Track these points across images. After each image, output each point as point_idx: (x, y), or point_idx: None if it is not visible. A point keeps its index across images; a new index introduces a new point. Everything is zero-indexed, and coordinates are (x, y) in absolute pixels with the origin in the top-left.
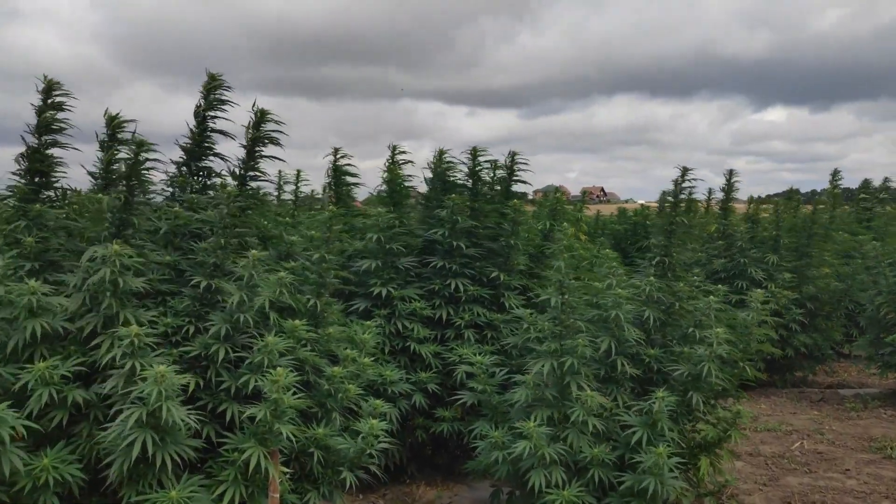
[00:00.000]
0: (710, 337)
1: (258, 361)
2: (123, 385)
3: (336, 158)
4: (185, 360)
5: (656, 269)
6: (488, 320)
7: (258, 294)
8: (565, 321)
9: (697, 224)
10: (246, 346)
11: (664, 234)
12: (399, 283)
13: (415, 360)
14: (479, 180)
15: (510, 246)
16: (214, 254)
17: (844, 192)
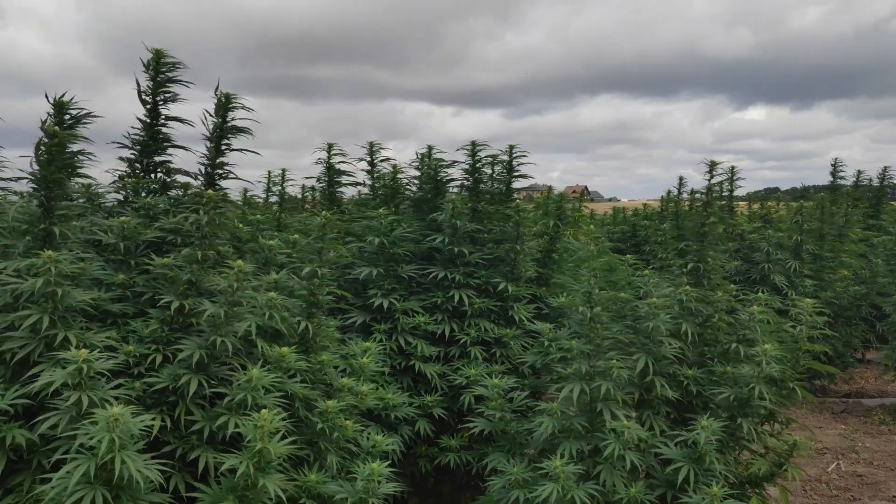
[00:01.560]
0: (757, 354)
1: (239, 399)
2: (68, 425)
3: (329, 155)
4: (150, 395)
5: (689, 275)
6: (497, 336)
7: (242, 315)
8: (595, 338)
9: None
10: (225, 378)
11: (697, 238)
12: (402, 294)
13: (419, 381)
14: (481, 178)
15: (517, 252)
16: (189, 269)
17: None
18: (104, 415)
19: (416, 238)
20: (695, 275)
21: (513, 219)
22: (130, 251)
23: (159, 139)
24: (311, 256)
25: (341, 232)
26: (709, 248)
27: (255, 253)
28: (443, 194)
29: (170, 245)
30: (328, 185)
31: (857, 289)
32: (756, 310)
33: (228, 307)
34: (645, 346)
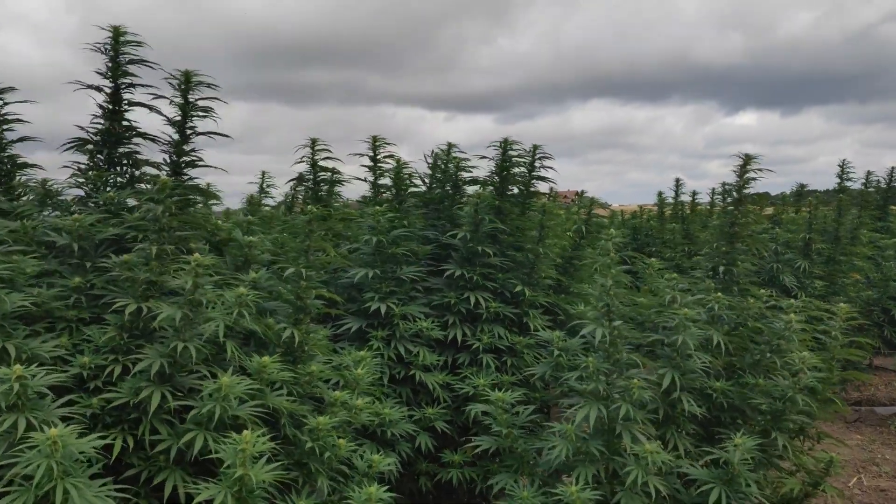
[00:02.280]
0: (794, 363)
1: (208, 411)
2: (4, 452)
3: (314, 151)
4: (109, 413)
5: (717, 280)
6: (510, 343)
7: (207, 316)
8: (614, 354)
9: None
10: (194, 389)
11: (726, 239)
12: (401, 298)
13: (419, 392)
14: (509, 176)
15: (537, 255)
16: (147, 267)
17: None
18: (40, 438)
19: (420, 237)
20: (726, 279)
21: (537, 219)
22: (88, 252)
23: (123, 128)
24: (297, 256)
25: (331, 231)
26: (739, 251)
27: (233, 253)
28: (461, 193)
29: (136, 244)
30: (314, 183)
31: (869, 293)
32: (793, 318)
33: (188, 308)
34: (672, 359)
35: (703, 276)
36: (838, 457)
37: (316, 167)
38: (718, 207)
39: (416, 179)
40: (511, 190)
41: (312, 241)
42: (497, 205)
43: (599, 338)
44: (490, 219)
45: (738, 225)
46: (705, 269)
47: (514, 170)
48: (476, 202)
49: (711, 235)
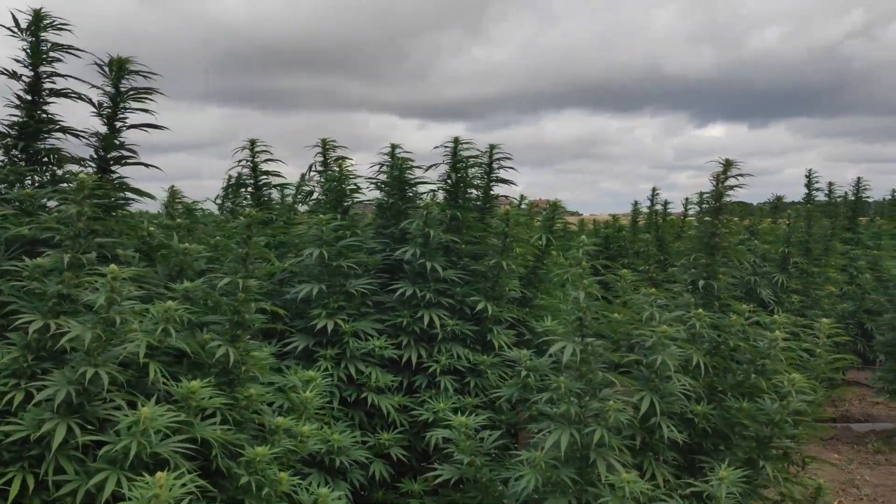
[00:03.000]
0: (782, 386)
1: (123, 448)
2: None
3: (254, 154)
4: (7, 448)
5: (697, 295)
6: (472, 364)
7: (126, 333)
8: (587, 373)
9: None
10: (108, 420)
11: (706, 251)
12: (351, 314)
13: (373, 416)
14: (462, 180)
15: (500, 267)
16: (59, 278)
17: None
18: None
19: (372, 248)
20: (706, 294)
21: (500, 228)
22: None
23: (42, 120)
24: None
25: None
26: (718, 263)
27: (167, 260)
28: (411, 200)
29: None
30: (254, 187)
31: (844, 306)
32: (779, 336)
33: (102, 326)
34: (650, 381)
35: (681, 290)
36: (826, 484)
37: (256, 170)
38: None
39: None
40: (469, 194)
41: (251, 247)
42: (451, 212)
43: (569, 355)
44: (437, 233)
45: (718, 235)
46: (684, 282)
47: (471, 171)
48: (424, 213)
49: (688, 247)
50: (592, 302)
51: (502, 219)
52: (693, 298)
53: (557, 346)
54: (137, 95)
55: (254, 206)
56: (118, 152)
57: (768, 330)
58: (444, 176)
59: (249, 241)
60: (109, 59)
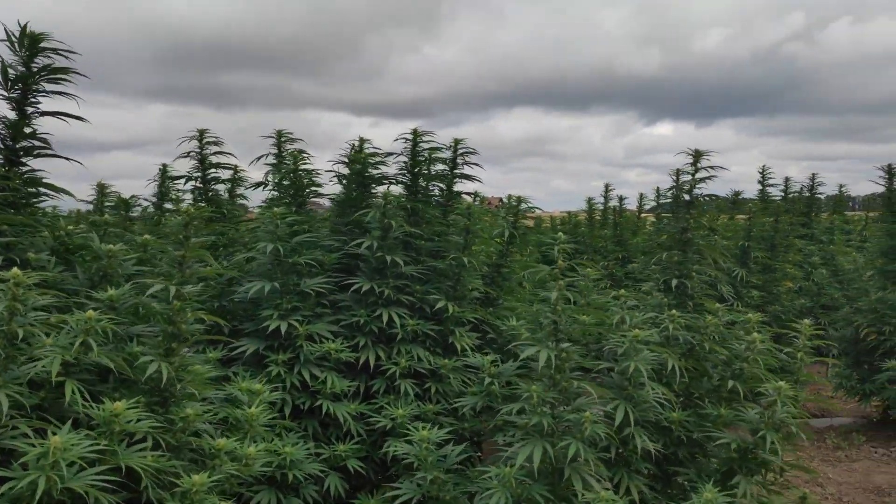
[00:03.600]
0: (767, 394)
1: (29, 484)
2: None
3: (202, 145)
4: None
5: (669, 295)
6: (433, 367)
7: (35, 349)
8: (561, 381)
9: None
10: (14, 451)
11: (678, 247)
12: (305, 315)
13: (328, 426)
14: (422, 173)
15: (462, 265)
16: None
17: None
18: None
19: (329, 245)
20: (676, 293)
21: (462, 223)
22: None
23: None
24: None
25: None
26: (692, 261)
27: (87, 264)
28: (370, 194)
29: None
30: (202, 182)
31: (802, 301)
32: (757, 338)
33: (2, 342)
34: (623, 389)
35: (651, 290)
36: (812, 494)
37: (205, 163)
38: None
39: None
40: (430, 190)
41: (188, 249)
42: (409, 206)
43: (544, 362)
44: (398, 224)
45: (690, 231)
46: (656, 281)
47: (436, 167)
48: (383, 204)
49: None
50: (566, 304)
51: (463, 213)
52: (665, 298)
53: (530, 352)
54: (52, 77)
55: (202, 202)
56: (29, 142)
57: (743, 330)
58: (403, 168)
59: (187, 243)
60: (21, 31)
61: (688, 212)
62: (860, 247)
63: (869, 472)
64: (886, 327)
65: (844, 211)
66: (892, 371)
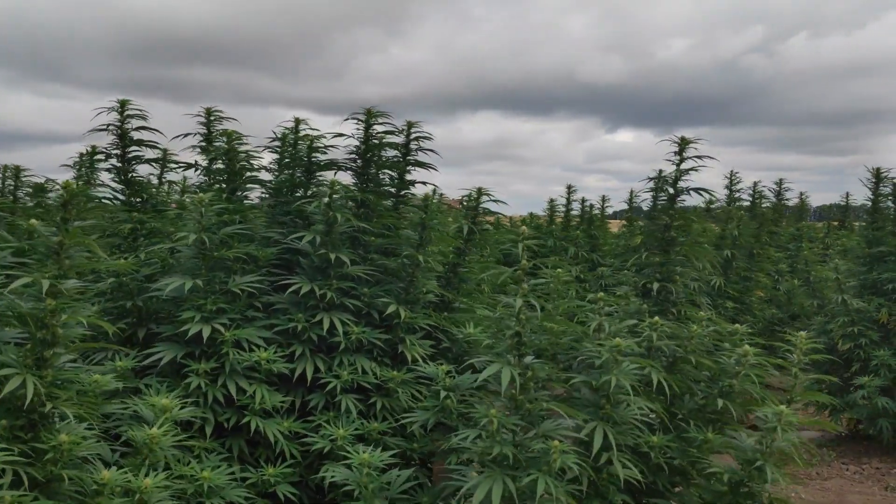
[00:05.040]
0: (766, 418)
1: None
2: None
3: (123, 118)
4: None
5: (648, 301)
6: (380, 380)
7: None
8: (525, 402)
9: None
10: None
11: (660, 247)
12: (233, 319)
13: (256, 446)
14: (374, 159)
15: (416, 264)
16: None
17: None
18: None
19: (267, 239)
20: (657, 298)
21: (417, 216)
22: None
23: None
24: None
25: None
26: (675, 263)
27: None
28: (314, 181)
29: None
30: (121, 160)
31: (774, 311)
32: (750, 350)
33: None
34: (600, 408)
35: (628, 294)
36: None
37: (125, 139)
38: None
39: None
40: (381, 179)
41: (67, 236)
42: (360, 197)
43: (507, 382)
44: (346, 216)
45: (673, 229)
46: (633, 285)
47: (386, 153)
48: (329, 193)
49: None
50: (531, 312)
51: (420, 207)
52: (645, 304)
53: (491, 371)
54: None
55: (122, 185)
56: None
57: (728, 342)
58: (352, 153)
59: (64, 227)
60: None
61: (671, 207)
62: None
63: (842, 491)
64: (863, 339)
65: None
66: (866, 388)
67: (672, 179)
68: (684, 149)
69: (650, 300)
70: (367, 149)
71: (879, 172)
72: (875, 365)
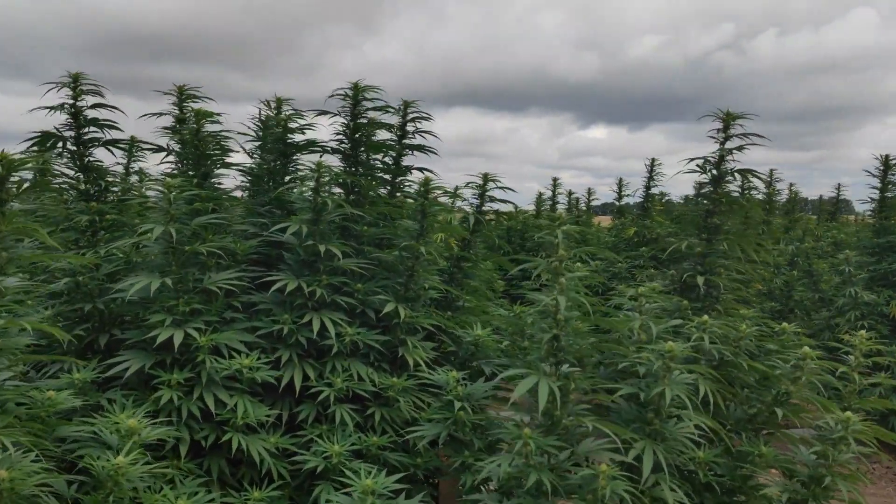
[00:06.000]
0: (828, 428)
1: None
2: None
3: (76, 94)
4: None
5: (688, 295)
6: (378, 388)
7: None
8: (562, 418)
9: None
10: None
11: (700, 235)
12: (210, 321)
13: (239, 466)
14: (364, 140)
15: (416, 256)
16: None
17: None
18: None
19: (246, 231)
20: (702, 295)
21: (418, 203)
22: None
23: None
24: None
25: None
26: (718, 254)
27: None
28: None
29: None
30: (76, 143)
31: (772, 304)
32: (810, 354)
33: None
34: (648, 424)
35: (666, 288)
36: None
37: (79, 118)
38: None
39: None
40: (374, 163)
41: (3, 220)
42: (349, 182)
43: (546, 399)
44: (337, 202)
45: (718, 215)
46: (671, 279)
47: (379, 135)
48: (316, 176)
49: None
50: (572, 312)
51: (420, 193)
52: (685, 301)
53: (526, 386)
54: None
55: (78, 171)
56: None
57: (775, 344)
58: (339, 134)
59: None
60: None
61: (715, 190)
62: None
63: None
64: (873, 334)
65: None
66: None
67: (715, 160)
68: (729, 125)
69: (690, 295)
70: (356, 128)
71: (888, 160)
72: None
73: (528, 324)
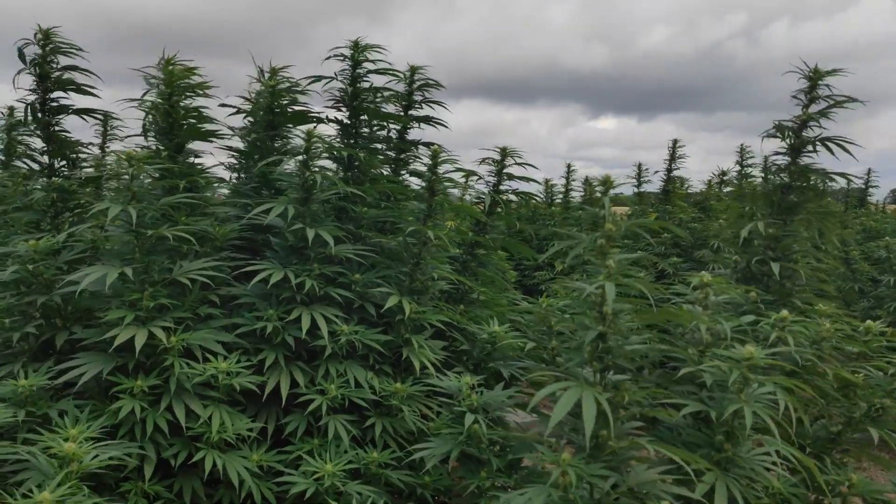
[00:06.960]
0: None
1: None
2: None
3: (45, 52)
4: None
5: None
6: (379, 395)
7: None
8: (607, 438)
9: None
10: None
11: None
12: (181, 318)
13: (216, 486)
14: (365, 106)
15: (424, 241)
16: None
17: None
18: None
19: (225, 212)
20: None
21: (426, 178)
22: None
23: None
24: None
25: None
26: (795, 238)
27: None
28: (282, 138)
29: None
30: (41, 110)
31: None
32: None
33: None
34: (719, 451)
35: (730, 278)
36: None
37: (48, 80)
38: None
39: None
40: (374, 132)
41: None
42: (346, 155)
43: (593, 418)
44: (330, 179)
45: (796, 191)
46: (734, 266)
47: (382, 106)
48: (305, 147)
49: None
50: (624, 303)
51: (429, 167)
52: (755, 292)
53: (568, 403)
54: None
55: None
56: None
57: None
58: (336, 100)
59: None
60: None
61: (794, 161)
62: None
63: None
64: None
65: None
66: None
67: (796, 126)
68: (816, 85)
69: (759, 286)
70: (356, 93)
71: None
72: None
73: (557, 320)
